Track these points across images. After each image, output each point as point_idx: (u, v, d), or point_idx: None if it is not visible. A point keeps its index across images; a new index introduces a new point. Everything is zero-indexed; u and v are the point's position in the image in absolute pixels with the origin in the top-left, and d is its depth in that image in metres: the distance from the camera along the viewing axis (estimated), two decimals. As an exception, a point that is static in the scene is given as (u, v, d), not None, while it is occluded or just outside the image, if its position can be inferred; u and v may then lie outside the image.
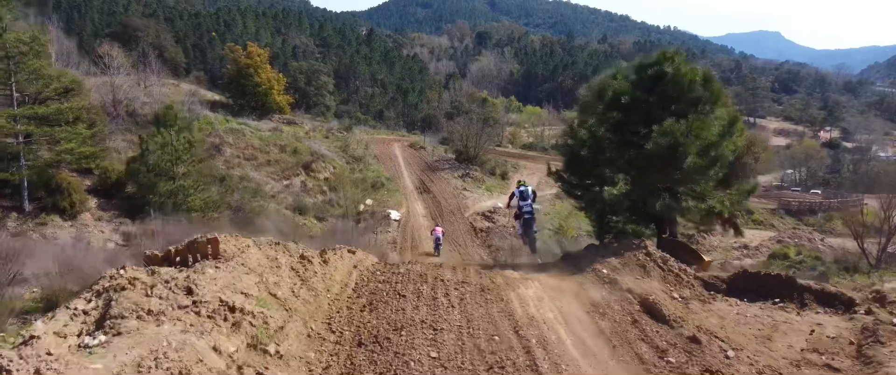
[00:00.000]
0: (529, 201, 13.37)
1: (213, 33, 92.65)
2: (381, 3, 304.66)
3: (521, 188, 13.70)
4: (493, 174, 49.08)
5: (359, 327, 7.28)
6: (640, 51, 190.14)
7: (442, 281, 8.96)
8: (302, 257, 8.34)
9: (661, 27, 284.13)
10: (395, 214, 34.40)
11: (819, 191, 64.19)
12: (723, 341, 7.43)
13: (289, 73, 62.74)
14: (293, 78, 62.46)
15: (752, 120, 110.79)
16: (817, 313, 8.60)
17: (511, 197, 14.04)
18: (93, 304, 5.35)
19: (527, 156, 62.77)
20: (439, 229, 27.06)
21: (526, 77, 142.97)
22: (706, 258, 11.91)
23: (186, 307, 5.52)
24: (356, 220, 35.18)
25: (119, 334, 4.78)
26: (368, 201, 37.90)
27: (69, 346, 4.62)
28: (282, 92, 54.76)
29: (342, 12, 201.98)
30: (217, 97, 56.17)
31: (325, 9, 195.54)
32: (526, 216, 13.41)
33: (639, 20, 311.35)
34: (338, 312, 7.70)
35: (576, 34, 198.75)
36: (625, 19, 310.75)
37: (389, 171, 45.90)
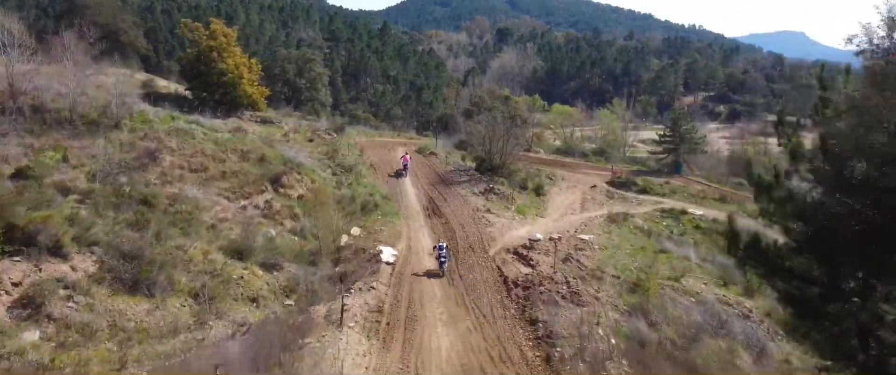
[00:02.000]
0: (444, 252, 22.09)
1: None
2: (398, 1, 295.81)
3: (440, 244, 22.57)
4: (525, 188, 37.78)
5: None
6: (671, 47, 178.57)
7: None
8: None
9: (686, 25, 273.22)
10: (388, 253, 23.48)
11: None
12: None
13: (276, 63, 52.12)
14: (281, 68, 51.83)
15: (803, 121, 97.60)
16: None
17: (434, 248, 22.93)
18: None
19: (563, 162, 51.46)
20: (408, 157, 36.07)
21: (550, 74, 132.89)
22: None
23: None
24: (334, 261, 24.42)
25: None
26: (354, 230, 27.06)
27: None
28: (255, 82, 43.23)
29: (358, 10, 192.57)
30: (182, 90, 45.68)
31: (339, 7, 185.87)
32: (441, 261, 21.83)
33: (662, 19, 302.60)
34: None
35: (599, 32, 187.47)
36: (648, 18, 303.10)
37: (389, 187, 35.05)
